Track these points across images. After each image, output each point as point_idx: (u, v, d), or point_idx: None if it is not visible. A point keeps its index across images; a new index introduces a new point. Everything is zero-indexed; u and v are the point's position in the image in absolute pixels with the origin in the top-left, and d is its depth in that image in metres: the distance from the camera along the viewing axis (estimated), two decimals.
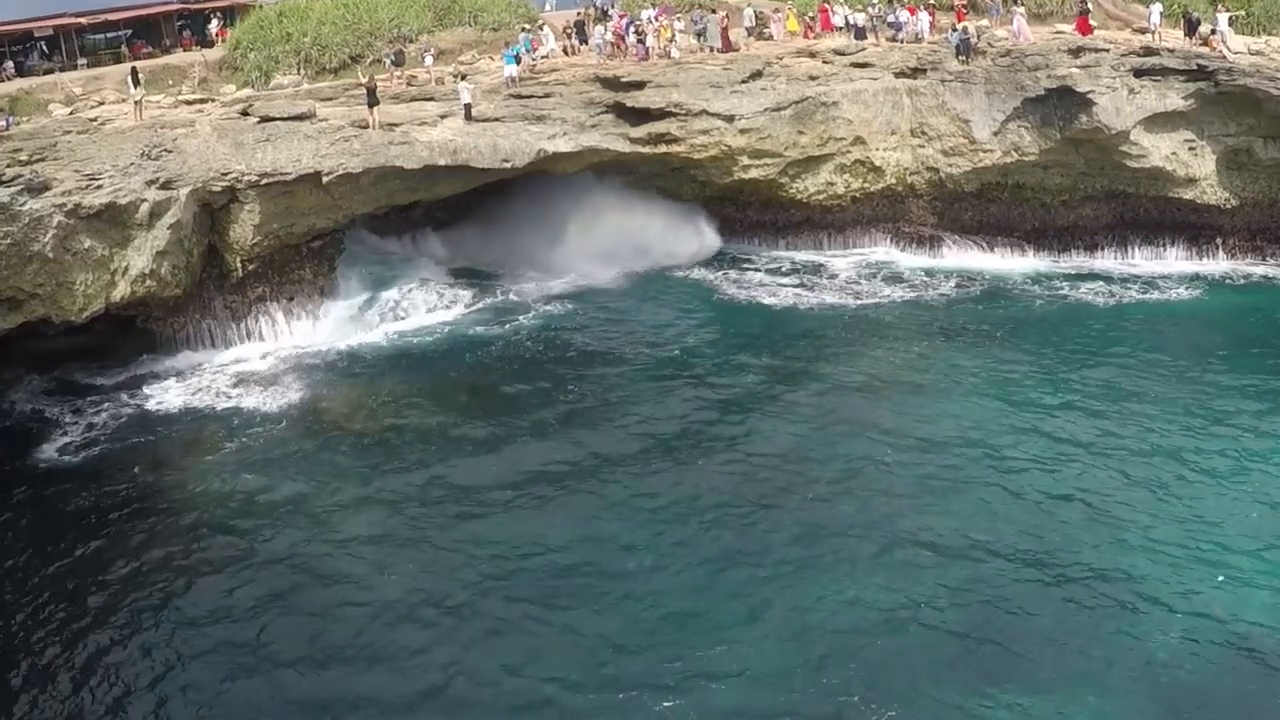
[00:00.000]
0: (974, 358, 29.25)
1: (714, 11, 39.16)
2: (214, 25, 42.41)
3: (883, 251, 38.71)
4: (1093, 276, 36.30)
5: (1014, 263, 37.64)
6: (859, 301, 33.84)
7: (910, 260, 37.71)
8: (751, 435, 25.17)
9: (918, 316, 32.48)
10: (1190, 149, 38.33)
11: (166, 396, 29.27)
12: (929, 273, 36.32)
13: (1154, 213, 38.99)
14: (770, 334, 31.50)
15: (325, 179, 31.31)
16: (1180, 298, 34.30)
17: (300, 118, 32.52)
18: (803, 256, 38.36)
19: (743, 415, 26.19)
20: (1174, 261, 38.13)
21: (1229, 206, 39.02)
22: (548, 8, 45.89)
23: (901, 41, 38.75)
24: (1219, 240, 39.02)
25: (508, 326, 32.79)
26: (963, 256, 38.09)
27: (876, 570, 19.61)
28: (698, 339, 31.23)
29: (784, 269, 37.20)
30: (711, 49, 37.58)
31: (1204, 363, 28.39)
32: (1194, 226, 38.93)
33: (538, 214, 37.37)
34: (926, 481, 22.64)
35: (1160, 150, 37.94)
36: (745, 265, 37.60)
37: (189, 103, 35.49)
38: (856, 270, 36.83)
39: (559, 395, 27.83)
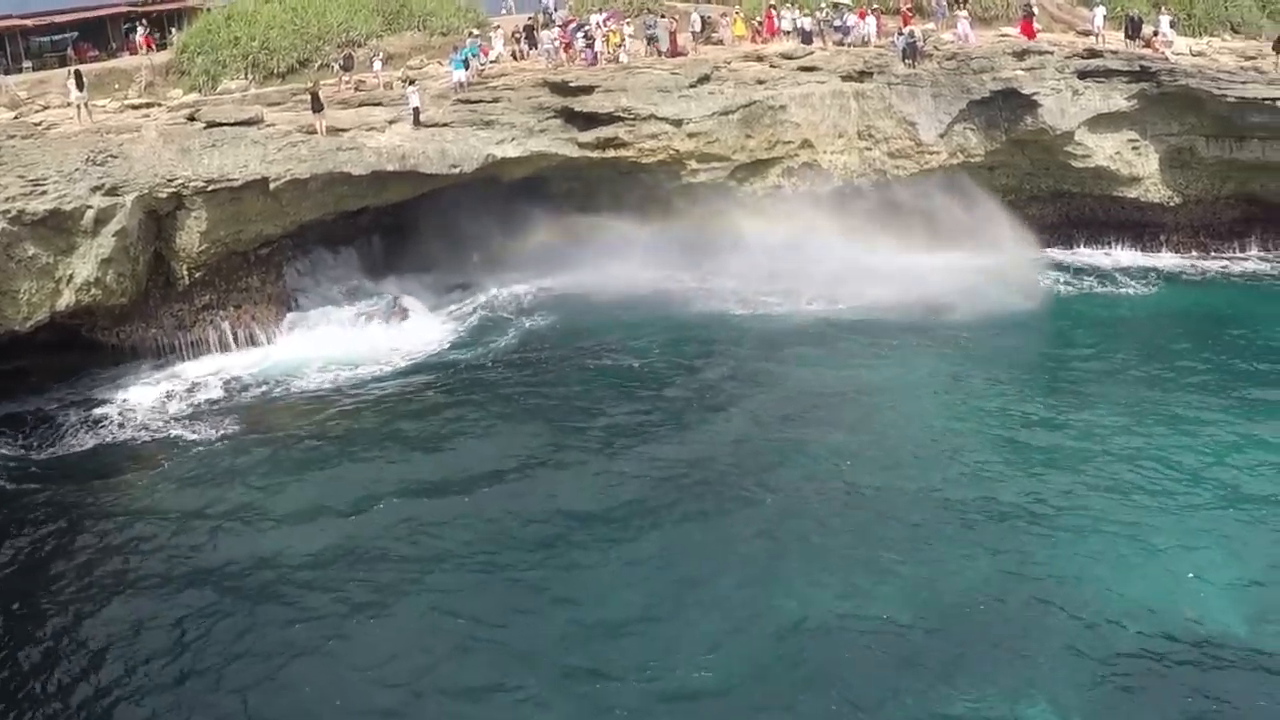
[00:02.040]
0: (938, 356, 29.82)
1: (663, 16, 39.38)
2: (140, 33, 41.06)
3: None
4: (1055, 269, 37.22)
5: (972, 260, 37.86)
6: (836, 306, 33.93)
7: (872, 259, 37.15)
8: (704, 443, 25.30)
9: (887, 318, 32.44)
10: (1134, 148, 39.15)
11: (106, 413, 28.72)
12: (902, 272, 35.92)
13: (1099, 212, 39.88)
14: (734, 343, 31.40)
15: (273, 185, 31.26)
16: (1139, 294, 35.33)
17: (247, 123, 32.45)
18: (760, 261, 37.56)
19: (696, 421, 26.41)
20: (1134, 255, 39.11)
21: (1172, 204, 39.95)
22: (503, 11, 45.87)
23: (849, 45, 39.09)
24: (1162, 237, 39.91)
25: (482, 342, 32.52)
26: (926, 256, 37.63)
27: (835, 573, 19.81)
28: (663, 350, 31.06)
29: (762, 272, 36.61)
30: (660, 53, 37.78)
31: (1164, 361, 29.18)
32: (1138, 224, 39.83)
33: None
34: (881, 480, 23.03)
35: (1104, 150, 38.74)
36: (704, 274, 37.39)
37: (135, 107, 35.22)
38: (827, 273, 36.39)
39: (522, 408, 27.73)
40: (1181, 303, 34.36)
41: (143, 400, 29.40)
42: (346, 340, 32.67)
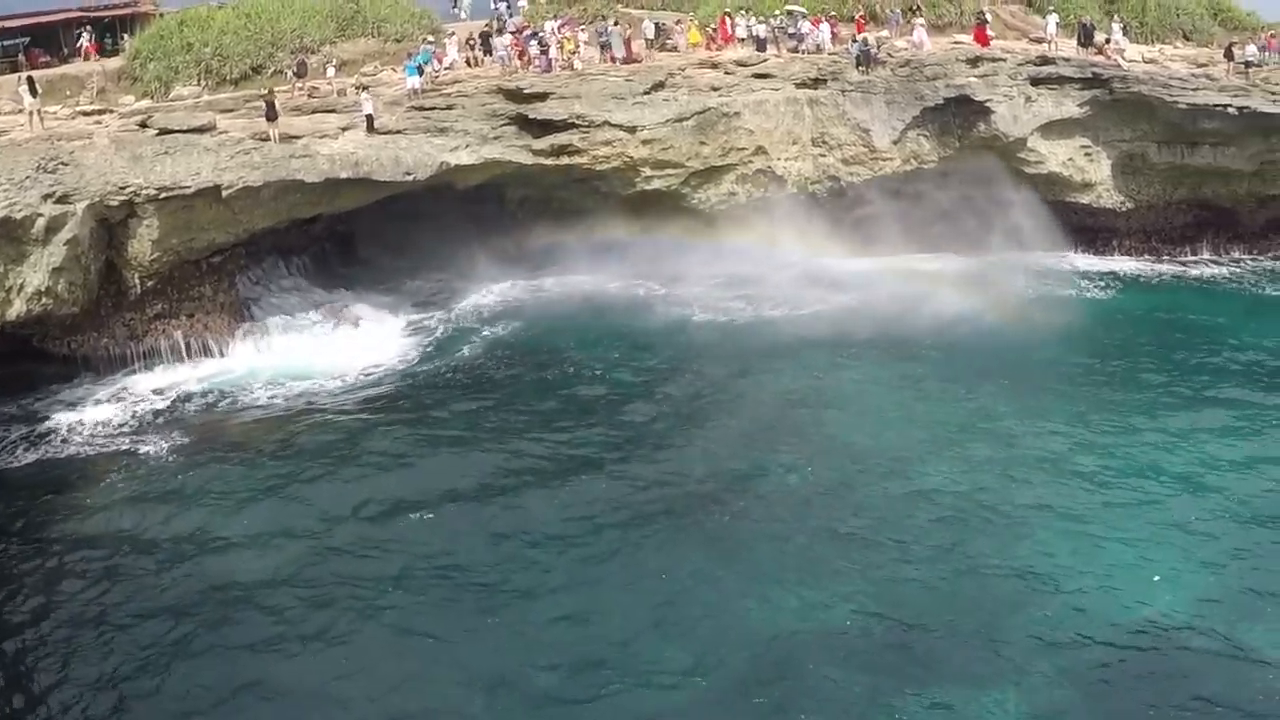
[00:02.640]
0: (899, 361, 30.15)
1: (617, 23, 39.91)
2: (84, 40, 40.92)
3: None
4: (1018, 273, 38.08)
5: (930, 263, 38.92)
6: (798, 311, 34.49)
7: (838, 264, 38.17)
8: (666, 453, 25.36)
9: (850, 323, 32.86)
10: (1086, 154, 40.08)
11: (53, 426, 28.30)
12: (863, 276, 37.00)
13: (1051, 217, 40.56)
14: (701, 351, 31.57)
15: (225, 192, 31.38)
16: (1101, 297, 36.35)
17: (200, 130, 32.66)
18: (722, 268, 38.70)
19: (657, 434, 26.41)
20: (1089, 260, 40.08)
21: (1124, 209, 40.87)
22: (463, 16, 46.29)
23: (803, 53, 39.80)
24: (1115, 242, 40.81)
25: (442, 353, 32.38)
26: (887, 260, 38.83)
27: (801, 585, 19.86)
28: (624, 360, 31.16)
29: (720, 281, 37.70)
30: (614, 60, 38.27)
31: (1127, 363, 30.01)
32: (1091, 229, 40.63)
33: None
34: (842, 487, 23.25)
35: (1057, 156, 39.66)
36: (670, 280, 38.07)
37: (87, 114, 35.46)
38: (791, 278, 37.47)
39: (481, 422, 27.43)
40: (1143, 305, 35.24)
41: (92, 412, 29.14)
42: (301, 351, 32.55)
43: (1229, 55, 41.53)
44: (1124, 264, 40.06)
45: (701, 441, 25.96)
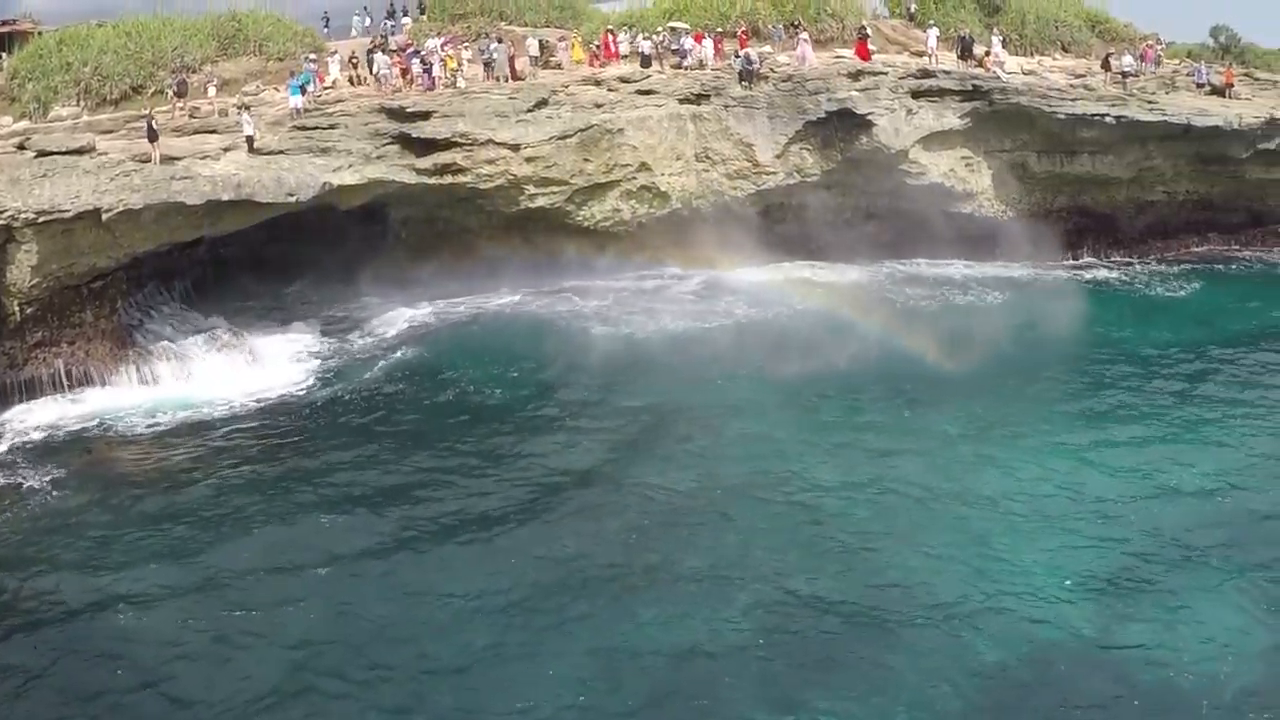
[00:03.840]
0: (797, 373, 30.41)
1: (500, 40, 41.08)
2: None
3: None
4: (912, 281, 40.43)
5: (826, 274, 41.20)
6: (701, 324, 35.71)
7: (735, 275, 40.42)
8: (569, 483, 24.60)
9: (748, 334, 34.15)
10: (968, 165, 42.34)
11: None
12: (761, 286, 38.98)
13: (935, 227, 42.77)
14: (603, 369, 31.61)
15: (105, 215, 31.38)
16: (996, 301, 38.37)
17: (79, 151, 32.84)
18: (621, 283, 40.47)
19: (561, 463, 25.77)
20: (981, 267, 42.36)
21: (1006, 218, 43.13)
22: (354, 34, 47.28)
23: (686, 68, 41.41)
24: (997, 250, 43.11)
25: (337, 380, 31.99)
26: (784, 270, 41.32)
27: (683, 598, 19.82)
28: (522, 379, 31.26)
29: (623, 293, 39.15)
30: (498, 78, 39.44)
31: (1025, 366, 31.10)
32: (973, 238, 42.82)
33: None
34: (734, 507, 23.19)
35: (939, 167, 41.80)
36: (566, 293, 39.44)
37: None
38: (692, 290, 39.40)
39: (379, 456, 26.69)
40: (1040, 310, 36.56)
41: None
42: (186, 379, 32.37)
43: (1106, 66, 44.18)
44: (1017, 270, 42.26)
45: (604, 467, 25.64)
